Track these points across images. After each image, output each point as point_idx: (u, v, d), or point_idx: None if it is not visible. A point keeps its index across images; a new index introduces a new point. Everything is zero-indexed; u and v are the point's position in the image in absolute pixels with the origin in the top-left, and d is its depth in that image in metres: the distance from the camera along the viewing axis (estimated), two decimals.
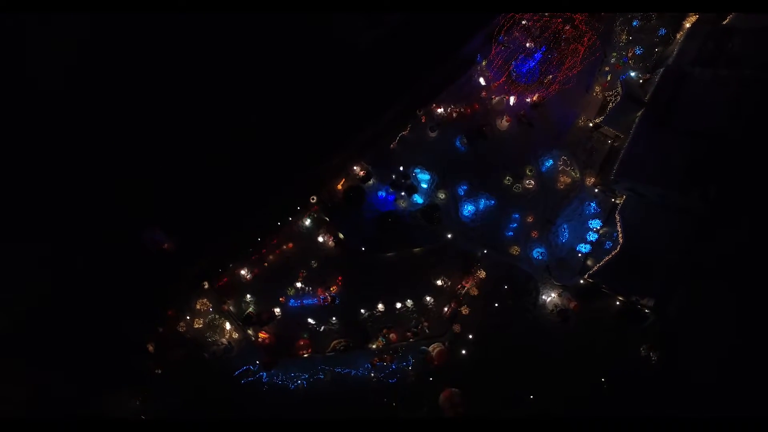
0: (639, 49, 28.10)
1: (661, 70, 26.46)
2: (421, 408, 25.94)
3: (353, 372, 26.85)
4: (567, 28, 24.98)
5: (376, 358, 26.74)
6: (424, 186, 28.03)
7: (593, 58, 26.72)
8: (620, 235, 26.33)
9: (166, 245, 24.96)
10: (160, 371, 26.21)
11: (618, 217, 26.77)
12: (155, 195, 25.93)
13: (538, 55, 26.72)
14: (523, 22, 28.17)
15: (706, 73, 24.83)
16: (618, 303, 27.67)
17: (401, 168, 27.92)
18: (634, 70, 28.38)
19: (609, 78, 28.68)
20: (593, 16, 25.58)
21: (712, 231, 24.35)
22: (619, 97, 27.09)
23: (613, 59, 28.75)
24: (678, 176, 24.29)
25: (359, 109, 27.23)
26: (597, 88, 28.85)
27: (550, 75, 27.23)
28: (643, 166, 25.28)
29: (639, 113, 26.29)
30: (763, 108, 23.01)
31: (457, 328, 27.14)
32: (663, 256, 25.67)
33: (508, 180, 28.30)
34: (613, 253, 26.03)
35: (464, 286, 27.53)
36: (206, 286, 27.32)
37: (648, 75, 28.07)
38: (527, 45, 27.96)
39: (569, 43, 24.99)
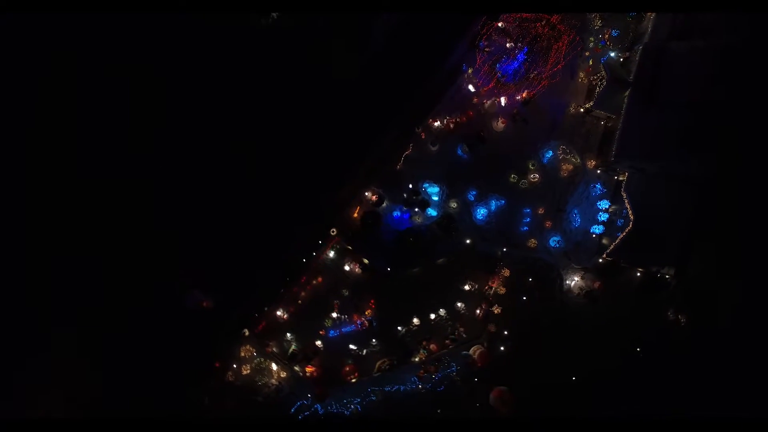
0: (615, 32, 29.09)
1: (640, 47, 27.49)
2: (474, 410, 27.08)
3: (402, 388, 27.96)
4: (545, 29, 25.96)
5: (421, 371, 27.85)
6: (436, 198, 29.04)
7: (575, 52, 27.83)
8: (630, 211, 27.42)
9: (205, 303, 25.95)
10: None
11: (624, 194, 27.83)
12: (182, 257, 26.99)
13: (521, 56, 27.69)
14: (500, 24, 29.11)
15: (682, 46, 25.89)
16: (639, 274, 28.86)
17: (410, 186, 28.94)
18: (613, 51, 29.38)
19: (591, 62, 29.63)
20: (568, 14, 26.61)
21: (716, 194, 25.60)
22: (604, 81, 28.09)
23: (591, 44, 29.70)
24: (674, 149, 25.48)
25: (360, 137, 28.29)
26: (581, 74, 29.83)
27: (535, 71, 28.23)
28: (639, 144, 26.38)
29: (626, 93, 27.33)
30: (741, 73, 24.20)
31: (492, 327, 28.26)
32: (673, 224, 26.84)
33: (513, 177, 29.34)
34: (626, 230, 27.10)
35: (491, 287, 28.62)
36: (247, 333, 28.29)
37: (627, 53, 29.09)
38: (508, 46, 28.92)
39: (550, 42, 26.02)
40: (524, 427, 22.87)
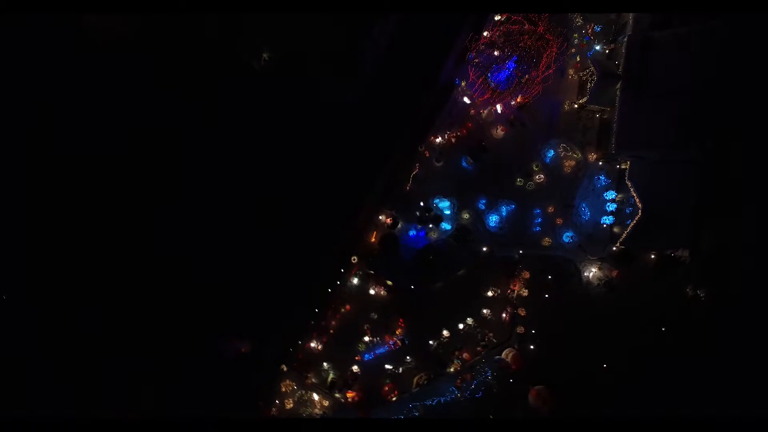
0: (597, 27, 29.87)
1: (624, 39, 28.20)
2: (515, 412, 27.93)
3: (442, 399, 28.81)
4: (532, 41, 26.65)
5: (458, 380, 28.73)
6: (448, 212, 29.84)
7: (564, 57, 28.60)
8: (636, 199, 28.22)
9: (243, 349, 26.70)
10: None
11: (629, 183, 28.61)
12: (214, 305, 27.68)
13: (511, 64, 28.34)
14: (485, 34, 29.75)
15: (665, 34, 26.65)
16: (653, 257, 29.67)
17: (422, 203, 29.76)
18: (597, 45, 30.11)
19: (578, 58, 30.42)
20: (554, 18, 27.29)
21: (717, 173, 26.44)
22: (594, 76, 28.82)
23: (576, 40, 30.47)
24: (672, 135, 26.26)
25: (365, 164, 28.99)
26: (570, 71, 30.61)
27: (527, 75, 28.88)
28: (636, 135, 27.17)
29: (618, 85, 28.06)
30: (725, 54, 24.98)
31: (520, 329, 29.11)
32: (680, 205, 27.67)
33: (519, 181, 30.13)
34: (636, 218, 27.89)
35: (514, 290, 29.47)
36: (285, 369, 29.08)
37: (612, 45, 29.85)
38: (496, 54, 29.55)
39: (540, 52, 26.71)
40: (566, 426, 23.61)
